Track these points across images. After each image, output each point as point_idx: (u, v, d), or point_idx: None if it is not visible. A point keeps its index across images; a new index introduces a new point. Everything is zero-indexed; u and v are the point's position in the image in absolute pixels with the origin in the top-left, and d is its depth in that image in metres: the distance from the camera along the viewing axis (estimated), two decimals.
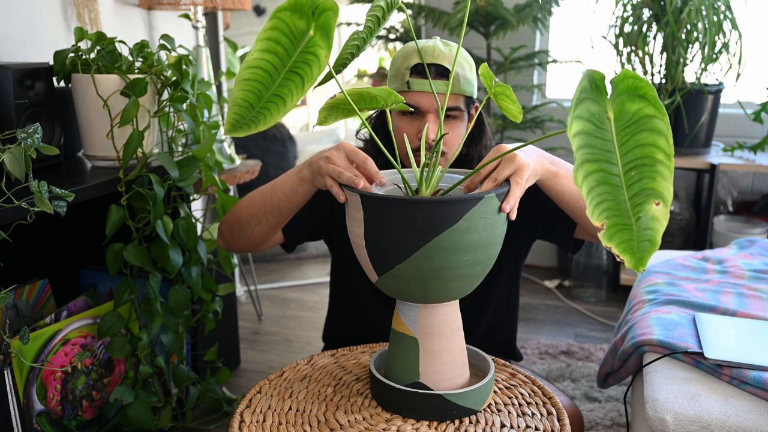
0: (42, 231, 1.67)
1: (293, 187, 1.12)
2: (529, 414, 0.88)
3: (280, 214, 1.16)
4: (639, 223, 0.64)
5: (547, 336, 2.26)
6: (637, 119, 0.65)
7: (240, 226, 1.22)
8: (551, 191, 1.07)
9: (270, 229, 1.21)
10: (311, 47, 0.76)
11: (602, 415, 1.71)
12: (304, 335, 2.32)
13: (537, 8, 2.45)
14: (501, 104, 0.92)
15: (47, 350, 1.40)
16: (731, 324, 1.20)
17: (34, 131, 1.06)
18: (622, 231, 0.64)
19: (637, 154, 0.64)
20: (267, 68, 0.76)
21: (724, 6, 2.17)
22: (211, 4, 1.91)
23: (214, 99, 1.90)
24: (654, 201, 0.64)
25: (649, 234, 0.64)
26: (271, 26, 0.75)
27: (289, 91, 0.76)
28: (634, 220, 0.64)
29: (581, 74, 0.66)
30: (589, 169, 0.63)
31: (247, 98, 0.76)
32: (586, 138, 0.64)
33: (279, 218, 1.18)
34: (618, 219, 0.64)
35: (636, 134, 0.65)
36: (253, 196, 1.21)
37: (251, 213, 1.20)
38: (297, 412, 0.88)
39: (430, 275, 0.80)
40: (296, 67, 0.76)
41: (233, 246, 1.28)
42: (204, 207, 2.32)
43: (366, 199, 0.80)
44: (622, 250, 0.64)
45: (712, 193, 2.30)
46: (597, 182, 0.63)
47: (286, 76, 0.76)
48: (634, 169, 0.64)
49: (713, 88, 2.28)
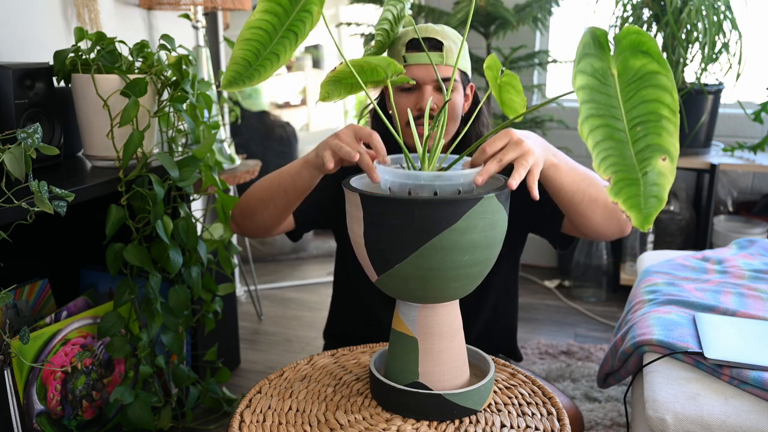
0: (42, 231, 1.67)
1: (298, 170, 1.14)
2: (529, 414, 0.88)
3: (286, 198, 1.18)
4: (646, 178, 0.63)
5: (547, 336, 2.26)
6: (642, 75, 0.64)
7: (250, 210, 1.24)
8: (550, 183, 1.07)
9: (277, 214, 1.22)
10: (307, 5, 0.79)
11: (602, 415, 1.71)
12: (304, 335, 2.32)
13: (537, 8, 2.45)
14: (504, 97, 0.91)
15: (47, 350, 1.40)
16: (731, 324, 1.20)
17: (34, 131, 1.06)
18: (630, 186, 0.63)
19: (642, 110, 0.64)
20: (267, 28, 0.78)
21: (724, 6, 2.17)
22: (211, 4, 1.91)
23: (214, 99, 1.90)
24: (660, 156, 0.63)
25: (656, 190, 0.63)
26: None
27: (284, 48, 0.79)
28: (641, 175, 0.63)
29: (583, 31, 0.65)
30: (594, 124, 0.63)
31: (246, 57, 0.78)
32: (591, 93, 0.63)
33: (285, 202, 1.19)
34: (625, 174, 0.63)
35: (640, 90, 0.64)
36: (263, 181, 1.23)
37: (260, 197, 1.22)
38: (297, 412, 0.88)
39: (429, 275, 0.80)
40: (293, 25, 0.79)
41: (244, 230, 1.30)
42: (204, 207, 2.32)
43: (365, 199, 0.80)
44: (629, 206, 0.63)
45: (712, 193, 2.30)
46: (603, 137, 0.63)
47: (283, 35, 0.79)
48: (640, 125, 0.63)
49: (713, 88, 2.28)
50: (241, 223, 1.29)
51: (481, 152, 0.90)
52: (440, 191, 0.82)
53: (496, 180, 0.89)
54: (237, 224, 1.31)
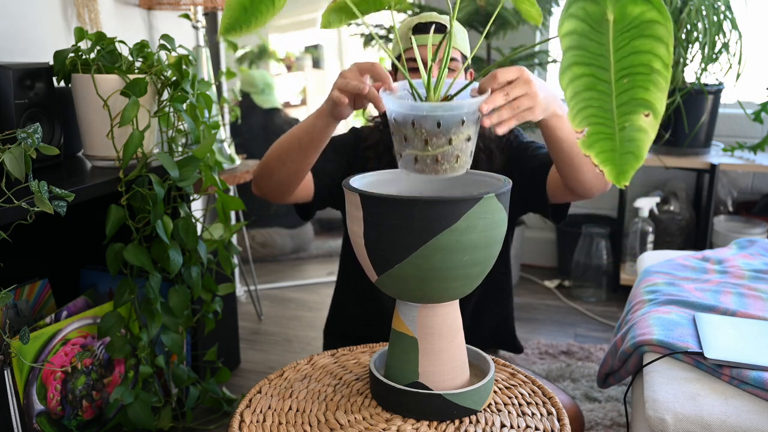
0: (42, 231, 1.67)
1: (312, 121, 1.15)
2: (529, 414, 0.88)
3: (301, 151, 1.18)
4: (623, 133, 0.61)
5: (547, 336, 2.26)
6: (639, 23, 0.60)
7: (269, 168, 1.25)
8: (551, 133, 1.09)
9: (294, 170, 1.22)
10: None
11: (602, 415, 1.71)
12: (304, 335, 2.32)
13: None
14: (521, 7, 0.88)
15: (47, 350, 1.40)
16: (731, 324, 1.20)
17: (34, 131, 1.06)
18: (604, 140, 0.61)
19: (633, 61, 0.60)
20: None
21: (724, 6, 2.17)
22: (211, 4, 1.91)
23: (214, 99, 1.90)
24: (644, 112, 0.60)
25: (633, 146, 0.60)
26: None
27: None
28: (618, 129, 0.60)
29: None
30: (577, 72, 0.60)
31: (242, 2, 0.77)
32: (579, 39, 0.60)
33: (300, 157, 1.20)
34: (601, 127, 0.61)
35: (635, 39, 0.60)
36: (280, 140, 1.25)
37: (277, 155, 1.23)
38: (297, 412, 0.88)
39: (429, 275, 0.80)
40: None
41: (264, 190, 1.30)
42: (204, 207, 2.32)
43: (365, 199, 0.80)
44: (602, 161, 0.61)
45: (712, 193, 2.30)
46: (584, 87, 0.60)
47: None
48: (627, 77, 0.61)
49: (713, 88, 2.28)
50: (261, 183, 1.30)
51: (492, 78, 0.90)
52: (443, 122, 0.79)
53: (496, 180, 0.89)
54: (257, 185, 1.32)
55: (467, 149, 0.83)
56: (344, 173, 1.36)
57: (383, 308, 1.37)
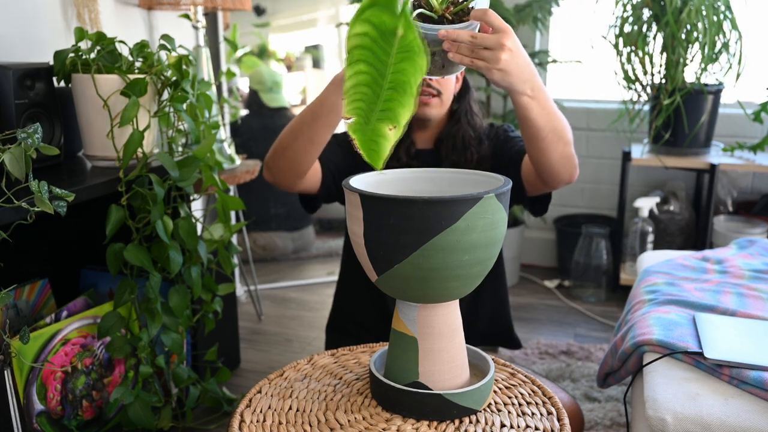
0: (42, 231, 1.67)
1: (324, 93, 1.19)
2: (529, 414, 0.88)
3: (314, 122, 1.21)
4: (371, 134, 0.70)
5: (546, 336, 2.26)
6: (411, 48, 0.68)
7: (282, 146, 1.28)
8: (520, 113, 1.11)
9: (306, 144, 1.24)
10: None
11: (602, 415, 1.71)
12: (305, 335, 2.32)
13: (537, 8, 2.45)
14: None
15: (47, 350, 1.40)
16: (731, 324, 1.20)
17: (34, 131, 1.06)
18: (360, 131, 0.70)
19: (400, 78, 0.68)
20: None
21: (724, 6, 2.17)
22: (211, 4, 1.91)
23: (214, 99, 1.90)
24: (391, 125, 0.69)
25: (376, 145, 0.70)
26: None
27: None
28: (370, 128, 0.70)
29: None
30: (362, 69, 0.68)
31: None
32: (370, 42, 0.67)
33: (314, 128, 1.22)
34: (361, 120, 0.70)
35: (405, 61, 0.68)
36: (295, 117, 1.28)
37: (291, 129, 1.26)
38: (297, 412, 0.88)
39: (429, 275, 0.80)
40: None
41: (275, 171, 1.31)
42: (204, 207, 2.32)
43: (365, 199, 0.80)
44: (360, 146, 0.71)
45: (712, 193, 2.30)
46: (363, 83, 0.68)
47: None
48: (392, 90, 0.69)
49: (713, 88, 2.28)
50: (272, 164, 1.31)
51: (484, 12, 0.94)
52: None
53: (496, 180, 0.89)
54: (269, 168, 1.33)
55: (434, 61, 0.97)
56: (349, 166, 1.38)
57: (385, 306, 1.38)
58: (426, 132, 1.42)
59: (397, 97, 0.69)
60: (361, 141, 0.70)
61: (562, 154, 1.18)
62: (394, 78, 0.68)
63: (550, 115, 1.13)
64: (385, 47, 0.67)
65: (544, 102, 1.11)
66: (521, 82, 1.03)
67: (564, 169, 1.21)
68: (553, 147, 1.16)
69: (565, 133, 1.17)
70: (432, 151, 1.43)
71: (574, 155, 1.22)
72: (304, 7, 3.08)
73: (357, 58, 0.67)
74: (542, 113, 1.11)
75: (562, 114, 1.18)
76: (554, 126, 1.14)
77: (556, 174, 1.21)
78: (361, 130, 0.70)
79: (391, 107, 0.69)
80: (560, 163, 1.19)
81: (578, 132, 2.82)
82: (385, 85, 0.68)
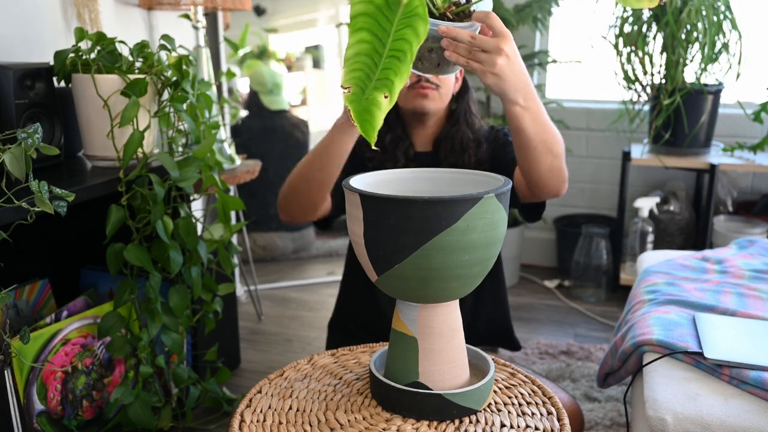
0: (42, 231, 1.67)
1: (329, 136, 1.20)
2: (529, 414, 0.88)
3: (324, 165, 1.22)
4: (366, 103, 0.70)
5: (547, 336, 2.26)
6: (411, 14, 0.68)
7: (293, 190, 1.29)
8: (512, 122, 1.11)
9: (317, 186, 1.26)
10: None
11: (602, 415, 1.71)
12: (305, 335, 2.32)
13: (537, 8, 2.45)
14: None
15: (47, 350, 1.40)
16: (731, 324, 1.20)
17: (35, 131, 1.06)
18: (356, 101, 0.70)
19: (399, 46, 0.68)
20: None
21: (724, 6, 2.17)
22: (211, 4, 1.91)
23: (214, 99, 1.90)
24: (385, 92, 0.69)
25: (369, 115, 0.70)
26: None
27: None
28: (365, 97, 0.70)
29: None
30: (364, 38, 0.67)
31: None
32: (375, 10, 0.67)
33: (323, 171, 1.23)
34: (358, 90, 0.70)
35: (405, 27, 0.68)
36: (300, 162, 1.29)
37: (300, 173, 1.27)
38: (297, 412, 0.88)
39: (429, 275, 0.80)
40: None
41: (291, 212, 1.34)
42: (204, 207, 2.32)
43: (365, 199, 0.80)
44: (355, 116, 0.71)
45: (712, 193, 2.30)
46: (364, 52, 0.68)
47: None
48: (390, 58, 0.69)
49: (713, 88, 2.28)
50: (287, 207, 1.33)
51: (486, 14, 0.94)
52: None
53: (496, 180, 0.89)
54: (284, 210, 1.35)
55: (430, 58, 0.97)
56: (354, 166, 1.38)
57: (380, 307, 1.38)
58: (424, 132, 1.42)
59: (395, 65, 0.68)
60: (356, 111, 0.70)
61: (551, 166, 1.18)
62: (394, 45, 0.68)
63: (542, 126, 1.12)
64: (389, 15, 0.67)
65: (536, 113, 1.10)
66: (514, 90, 1.03)
67: (551, 182, 1.21)
68: (542, 158, 1.16)
69: (555, 145, 1.17)
70: (431, 153, 1.43)
71: (563, 169, 1.21)
72: (304, 7, 3.08)
73: (360, 26, 0.67)
74: (533, 124, 1.11)
75: (554, 127, 1.17)
76: (544, 138, 1.14)
77: (543, 186, 1.22)
78: (357, 100, 0.70)
79: (388, 75, 0.69)
80: (548, 176, 1.19)
81: (578, 132, 2.82)
82: (385, 53, 0.68)
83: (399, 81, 0.69)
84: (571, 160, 2.81)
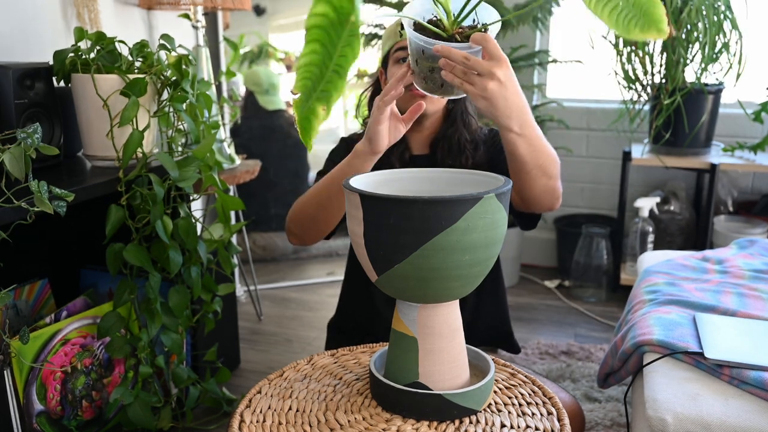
0: (42, 231, 1.67)
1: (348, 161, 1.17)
2: (529, 414, 0.88)
3: (340, 193, 1.20)
4: (307, 111, 0.74)
5: (547, 336, 2.26)
6: (354, 33, 0.71)
7: (308, 217, 1.26)
8: (506, 147, 1.10)
9: (335, 211, 1.24)
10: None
11: (602, 415, 1.71)
12: (305, 335, 2.32)
13: (537, 8, 2.45)
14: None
15: (47, 350, 1.40)
16: (731, 324, 1.20)
17: (34, 131, 1.06)
18: (300, 109, 0.74)
19: (340, 62, 0.71)
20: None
21: (724, 6, 2.17)
22: (211, 4, 1.91)
23: (214, 99, 1.90)
24: (323, 105, 0.73)
25: (308, 124, 0.74)
26: None
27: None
28: (308, 106, 0.73)
29: None
30: (316, 49, 0.71)
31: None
32: (328, 24, 0.70)
33: (341, 198, 1.21)
34: (304, 98, 0.73)
35: (347, 46, 0.71)
36: (310, 192, 1.26)
37: (316, 200, 1.24)
38: (297, 412, 0.88)
39: (429, 275, 0.80)
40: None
41: (304, 238, 1.31)
42: (204, 207, 2.32)
43: (365, 199, 0.80)
44: (297, 122, 0.75)
45: (712, 193, 2.30)
46: (314, 63, 0.71)
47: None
48: (333, 73, 0.72)
49: (713, 88, 2.28)
50: (300, 233, 1.30)
51: (483, 38, 0.94)
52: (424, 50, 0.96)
53: (496, 180, 0.89)
54: (295, 235, 1.32)
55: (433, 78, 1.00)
56: None
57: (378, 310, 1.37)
58: (421, 133, 1.41)
59: (335, 79, 0.72)
60: (299, 117, 0.74)
61: (545, 187, 1.17)
62: (338, 60, 0.71)
63: (537, 152, 1.11)
64: (339, 31, 0.70)
65: (532, 140, 1.09)
66: (506, 117, 1.02)
67: (544, 200, 1.20)
68: (536, 182, 1.15)
69: (550, 168, 1.15)
70: (427, 156, 1.43)
71: (557, 188, 1.20)
72: (304, 7, 3.07)
73: (314, 38, 0.70)
74: (528, 150, 1.09)
75: (551, 149, 1.15)
76: (540, 163, 1.12)
77: (536, 203, 1.21)
78: (301, 108, 0.73)
79: (328, 89, 0.72)
80: (541, 196, 1.18)
81: (578, 132, 2.82)
82: (330, 67, 0.71)
83: (336, 95, 0.74)
84: (571, 160, 2.81)
